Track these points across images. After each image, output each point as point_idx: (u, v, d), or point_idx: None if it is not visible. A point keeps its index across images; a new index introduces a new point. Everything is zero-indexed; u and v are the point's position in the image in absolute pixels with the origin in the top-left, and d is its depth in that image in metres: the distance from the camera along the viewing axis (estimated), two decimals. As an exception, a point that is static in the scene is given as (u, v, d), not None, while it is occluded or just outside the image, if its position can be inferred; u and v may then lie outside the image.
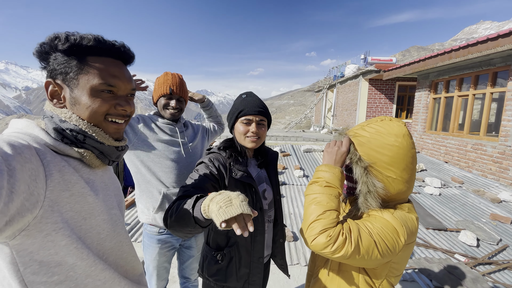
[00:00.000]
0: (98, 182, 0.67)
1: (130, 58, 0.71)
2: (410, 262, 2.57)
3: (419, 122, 7.06)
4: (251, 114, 1.07)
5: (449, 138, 5.94)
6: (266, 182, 1.19)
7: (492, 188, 4.45)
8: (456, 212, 3.65)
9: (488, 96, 5.10)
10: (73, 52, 0.61)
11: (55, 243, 0.54)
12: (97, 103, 0.63)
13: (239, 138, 1.10)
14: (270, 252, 1.23)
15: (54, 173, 0.55)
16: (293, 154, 6.12)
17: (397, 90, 10.65)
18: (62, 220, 0.55)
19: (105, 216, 0.65)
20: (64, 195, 0.56)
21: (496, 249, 2.77)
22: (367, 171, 0.83)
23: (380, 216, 0.82)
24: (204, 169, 1.02)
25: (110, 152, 0.68)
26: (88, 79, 0.62)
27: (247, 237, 1.06)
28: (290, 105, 75.70)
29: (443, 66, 5.82)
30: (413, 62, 6.65)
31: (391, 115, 10.79)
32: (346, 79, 12.39)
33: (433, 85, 6.64)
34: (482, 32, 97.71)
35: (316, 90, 18.41)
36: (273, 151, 1.27)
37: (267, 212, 1.16)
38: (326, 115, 15.62)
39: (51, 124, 0.61)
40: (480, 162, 5.07)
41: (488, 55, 4.60)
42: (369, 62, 12.42)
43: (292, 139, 9.28)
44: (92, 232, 0.61)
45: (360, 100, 10.81)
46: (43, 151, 0.55)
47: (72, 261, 0.57)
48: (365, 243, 0.75)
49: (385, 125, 0.84)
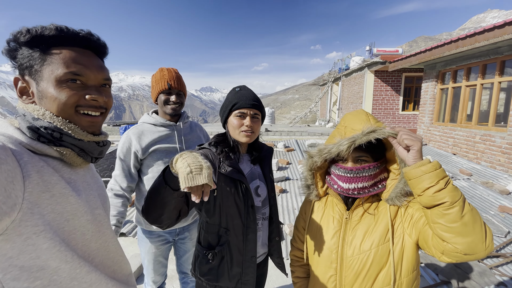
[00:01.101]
0: (80, 182, 0.64)
1: (101, 48, 0.66)
2: (415, 256, 2.55)
3: (426, 114, 6.92)
4: (245, 107, 1.04)
5: (457, 130, 5.82)
6: (259, 179, 1.16)
7: (501, 179, 4.35)
8: (464, 204, 3.60)
9: (496, 86, 4.95)
10: (36, 44, 0.58)
11: (36, 247, 0.52)
12: (64, 93, 0.59)
13: (233, 133, 1.07)
14: (266, 251, 1.21)
15: (32, 174, 0.52)
16: (297, 149, 6.10)
17: (404, 81, 10.44)
18: (43, 222, 0.52)
19: (89, 216, 0.62)
20: (45, 197, 0.53)
21: (504, 241, 2.72)
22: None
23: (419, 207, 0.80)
24: None
25: (91, 149, 0.65)
26: (52, 69, 0.58)
27: (238, 236, 1.05)
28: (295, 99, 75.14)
29: (450, 56, 5.67)
30: (419, 52, 6.50)
31: (397, 107, 10.61)
32: (351, 71, 12.21)
33: (440, 75, 6.49)
34: (490, 21, 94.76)
35: (321, 84, 18.21)
36: (268, 147, 1.24)
37: (261, 209, 1.14)
38: (332, 108, 15.46)
39: (25, 123, 0.58)
40: (488, 154, 4.96)
41: (495, 43, 4.46)
42: (374, 53, 12.19)
43: (296, 134, 9.23)
44: (76, 234, 0.59)
45: (366, 93, 10.65)
46: (19, 151, 0.53)
47: (56, 265, 0.55)
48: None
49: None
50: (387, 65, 9.11)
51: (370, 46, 12.67)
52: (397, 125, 5.95)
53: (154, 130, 1.47)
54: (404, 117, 10.67)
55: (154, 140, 1.45)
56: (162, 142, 1.47)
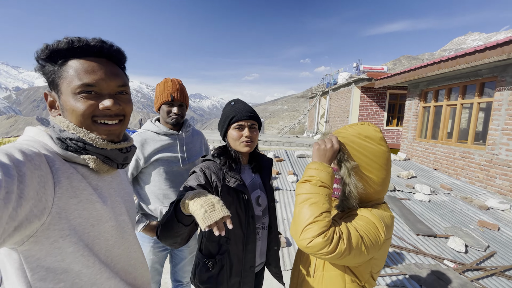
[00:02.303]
0: (106, 188, 0.67)
1: (116, 54, 0.66)
2: (400, 267, 2.60)
3: (410, 130, 7.21)
4: (243, 120, 1.08)
5: (438, 146, 6.08)
6: (260, 188, 1.19)
7: (479, 195, 4.56)
8: (445, 218, 3.73)
9: (476, 106, 5.26)
10: (55, 59, 0.60)
11: (62, 250, 0.55)
12: (79, 105, 0.60)
13: (234, 144, 1.11)
14: (264, 260, 1.22)
15: (63, 180, 0.56)
16: (286, 160, 6.15)
17: (388, 98, 10.88)
18: (69, 227, 0.55)
19: (113, 222, 0.65)
20: (72, 202, 0.56)
21: (484, 255, 2.84)
22: (351, 172, 0.87)
23: (360, 215, 0.87)
24: (193, 180, 1.02)
25: (115, 156, 0.67)
26: (67, 82, 0.60)
27: (238, 245, 1.07)
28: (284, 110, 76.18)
29: (432, 76, 5.99)
30: (403, 72, 6.83)
31: (382, 122, 11.00)
32: (338, 86, 12.59)
33: (423, 94, 6.82)
34: (471, 43, 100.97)
35: (310, 97, 18.62)
36: (268, 158, 1.28)
37: (261, 218, 1.16)
38: (319, 121, 15.79)
39: (54, 134, 0.62)
40: (468, 170, 5.20)
41: (475, 66, 4.77)
42: (361, 70, 12.67)
43: (285, 144, 9.33)
44: (100, 239, 0.61)
45: (352, 107, 10.98)
46: (52, 158, 0.56)
47: (78, 268, 0.57)
48: (354, 239, 0.78)
49: (364, 128, 0.91)
50: (373, 82, 9.48)
51: (357, 62, 13.17)
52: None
53: (157, 138, 1.49)
54: (388, 132, 11.05)
55: (157, 149, 1.47)
56: (164, 151, 1.49)
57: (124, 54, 0.69)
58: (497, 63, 4.43)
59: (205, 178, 1.03)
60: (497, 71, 4.65)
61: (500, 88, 4.58)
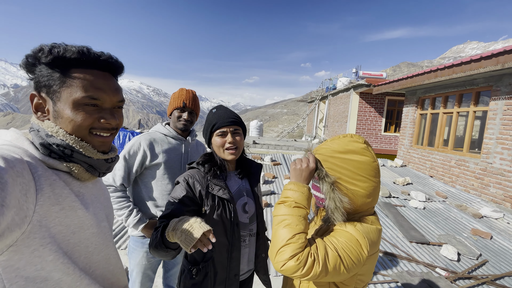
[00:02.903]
0: (88, 195, 0.66)
1: (118, 69, 0.69)
2: (392, 275, 2.61)
3: (406, 137, 7.25)
4: (225, 126, 1.08)
5: (434, 153, 6.12)
6: (247, 195, 1.18)
7: (474, 203, 4.59)
8: (439, 226, 3.74)
9: (471, 114, 5.31)
10: (57, 64, 0.59)
11: (42, 259, 0.53)
12: (80, 116, 0.61)
13: (218, 151, 1.11)
14: (252, 267, 1.21)
15: (45, 187, 0.54)
16: (283, 164, 6.17)
17: (387, 104, 10.96)
18: (49, 235, 0.54)
19: (94, 229, 0.64)
20: (54, 209, 0.55)
21: (476, 263, 2.85)
22: (334, 187, 0.85)
23: (344, 230, 0.85)
24: (178, 191, 1.03)
25: (99, 165, 0.67)
26: (70, 92, 0.60)
27: (223, 253, 1.06)
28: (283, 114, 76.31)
29: (429, 84, 6.05)
30: (401, 79, 6.89)
31: (380, 128, 11.06)
32: (338, 91, 12.66)
33: (420, 101, 6.87)
34: (469, 52, 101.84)
35: (309, 101, 18.70)
36: (257, 163, 1.26)
37: (248, 226, 1.15)
38: (318, 125, 15.84)
39: (38, 138, 0.60)
40: (463, 178, 5.23)
41: (471, 75, 4.82)
42: (360, 76, 12.77)
43: (283, 148, 9.35)
44: (80, 246, 0.61)
45: (351, 113, 11.04)
46: (35, 165, 0.55)
47: (58, 276, 0.56)
48: (332, 260, 0.77)
49: (345, 141, 0.89)
50: (372, 88, 9.55)
51: (356, 68, 13.27)
52: (379, 145, 6.13)
53: (165, 140, 1.55)
54: (386, 138, 11.10)
55: (164, 150, 1.52)
56: (170, 153, 1.53)
57: (124, 69, 0.71)
58: (492, 72, 4.49)
59: (188, 187, 1.03)
60: (492, 81, 4.71)
61: (495, 98, 4.63)
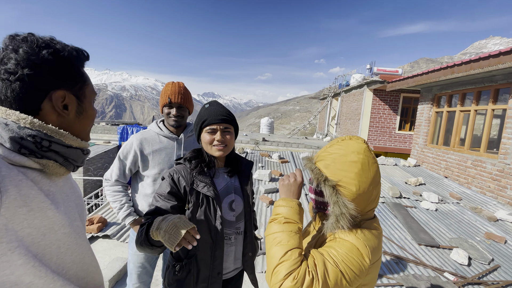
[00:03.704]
0: (58, 193, 0.63)
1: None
2: (398, 278, 2.54)
3: (421, 135, 7.00)
4: (215, 123, 1.06)
5: (449, 153, 5.88)
6: (235, 193, 1.16)
7: (489, 206, 4.38)
8: (451, 229, 3.61)
9: (490, 113, 5.05)
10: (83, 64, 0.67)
11: (11, 263, 0.51)
12: (94, 112, 0.71)
13: (206, 148, 1.09)
14: (239, 266, 1.20)
15: (10, 189, 0.51)
16: (291, 161, 6.12)
17: (402, 101, 10.61)
18: (16, 238, 0.51)
19: (66, 229, 0.62)
20: (21, 212, 0.52)
21: (487, 269, 2.73)
22: (337, 191, 0.82)
23: (343, 239, 0.81)
24: (163, 187, 1.04)
25: (75, 157, 0.65)
26: (90, 90, 0.68)
27: (206, 251, 1.06)
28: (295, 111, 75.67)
29: (446, 80, 5.80)
30: (416, 75, 6.64)
31: (394, 126, 10.74)
32: (350, 88, 12.39)
33: (436, 98, 6.61)
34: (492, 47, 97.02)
35: (321, 98, 18.42)
36: (248, 161, 1.25)
37: (235, 224, 1.14)
38: (330, 123, 15.60)
39: (7, 132, 0.55)
40: (479, 179, 5.00)
41: (490, 72, 4.58)
42: (374, 72, 12.42)
43: (293, 146, 9.28)
44: (52, 247, 0.58)
45: (364, 110, 10.79)
46: None
47: (29, 280, 0.54)
48: (332, 276, 0.73)
49: (345, 144, 0.87)
50: (386, 85, 9.27)
51: (370, 64, 12.91)
52: (393, 144, 5.97)
53: (157, 139, 1.55)
54: (400, 137, 10.78)
55: (154, 150, 1.52)
56: (161, 152, 1.53)
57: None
58: (511, 69, 4.24)
59: (172, 183, 1.03)
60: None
61: (516, 95, 4.38)
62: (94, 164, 8.74)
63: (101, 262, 2.69)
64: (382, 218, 3.76)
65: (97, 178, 7.37)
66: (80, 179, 7.91)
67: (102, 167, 9.02)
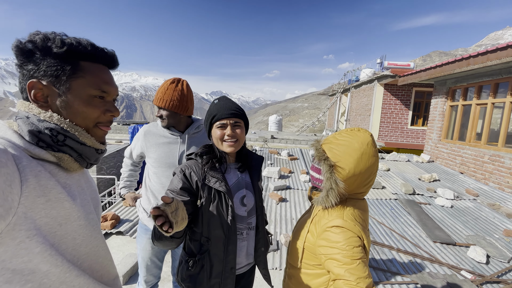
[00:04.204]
0: (75, 186, 0.65)
1: (116, 65, 0.72)
2: (412, 276, 2.48)
3: (435, 130, 6.81)
4: (225, 118, 1.05)
5: (465, 148, 5.69)
6: (247, 188, 1.16)
7: (508, 202, 4.22)
8: (468, 226, 3.49)
9: (508, 106, 4.85)
10: (68, 55, 0.60)
11: (29, 251, 0.53)
12: (90, 109, 0.64)
13: (217, 144, 1.09)
14: (252, 261, 1.20)
15: (30, 178, 0.53)
16: (300, 158, 6.07)
17: (414, 96, 10.35)
18: (34, 227, 0.53)
19: (82, 221, 0.63)
20: (40, 201, 0.54)
21: (507, 267, 2.62)
22: (332, 170, 0.91)
23: (333, 229, 0.89)
24: (175, 182, 1.04)
25: (89, 155, 0.67)
26: (82, 84, 0.62)
27: (219, 246, 1.05)
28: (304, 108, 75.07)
29: (461, 73, 5.60)
30: (429, 68, 6.44)
31: (406, 121, 10.49)
32: (360, 83, 12.17)
33: (450, 92, 6.40)
34: (508, 38, 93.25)
35: (330, 94, 18.18)
36: (258, 156, 1.24)
37: (247, 219, 1.14)
38: (339, 119, 15.39)
39: (26, 126, 0.58)
40: (497, 175, 4.82)
41: (508, 63, 4.39)
42: (385, 66, 12.15)
43: (302, 143, 9.21)
44: (68, 238, 0.60)
45: (375, 106, 10.58)
46: (19, 155, 0.53)
47: (46, 268, 0.55)
48: (355, 271, 0.79)
49: (353, 134, 0.95)
50: (397, 79, 9.05)
51: (381, 58, 12.64)
52: (405, 140, 5.91)
53: (161, 133, 1.54)
54: (412, 132, 10.52)
55: (157, 143, 1.52)
56: (164, 147, 1.51)
57: (118, 65, 0.74)
58: (533, 59, 4.05)
59: (184, 178, 1.03)
60: (534, 68, 4.25)
61: (537, 86, 4.18)
62: (107, 163, 8.94)
63: (115, 258, 2.74)
64: (395, 215, 3.68)
65: (110, 176, 7.53)
66: (94, 178, 8.12)
67: (114, 166, 9.21)
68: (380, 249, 2.88)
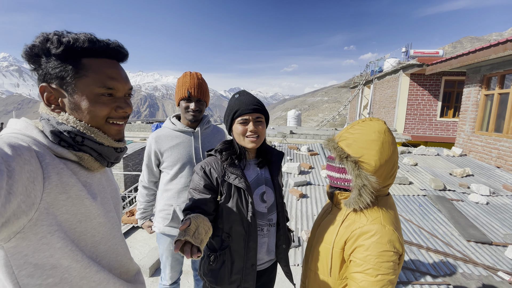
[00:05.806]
0: (95, 185, 0.66)
1: (125, 56, 0.69)
2: (444, 277, 2.34)
3: (467, 122, 6.36)
4: (247, 113, 1.03)
5: (502, 140, 5.26)
6: (266, 184, 1.14)
7: (554, 199, 3.85)
8: (506, 224, 3.24)
9: (554, 93, 4.40)
10: (67, 55, 0.58)
11: (50, 246, 0.54)
12: (98, 107, 0.62)
13: (238, 139, 1.07)
14: (273, 258, 1.19)
15: (52, 176, 0.54)
16: (321, 154, 5.95)
17: (443, 85, 9.72)
18: (56, 222, 0.55)
19: (102, 219, 0.64)
20: (61, 198, 0.56)
21: (553, 270, 2.40)
22: (358, 165, 0.87)
23: (368, 237, 0.82)
24: (196, 180, 1.04)
25: (108, 154, 0.67)
26: (86, 83, 0.60)
27: (240, 243, 1.05)
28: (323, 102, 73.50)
29: (497, 59, 5.15)
30: (461, 55, 5.99)
31: (435, 113, 9.91)
32: (384, 74, 11.63)
33: (485, 80, 5.92)
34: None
35: (351, 87, 17.58)
36: (278, 151, 1.21)
37: (267, 215, 1.12)
38: (362, 112, 14.86)
39: (48, 126, 0.60)
40: (540, 169, 4.41)
41: (555, 45, 3.96)
42: (411, 55, 11.51)
43: (322, 138, 9.02)
44: (87, 235, 0.61)
45: (400, 97, 10.08)
46: (42, 153, 0.55)
47: (67, 264, 0.57)
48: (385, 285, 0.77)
49: (366, 125, 0.90)
50: (425, 68, 8.53)
51: (406, 47, 11.99)
52: (434, 132, 5.60)
53: (172, 135, 1.52)
54: (442, 124, 9.92)
55: (170, 146, 1.50)
56: (178, 148, 1.51)
57: (128, 56, 0.70)
58: None
59: (205, 175, 1.03)
60: None
61: None
62: (132, 160, 9.38)
63: (142, 251, 2.85)
64: (423, 212, 3.50)
65: (136, 172, 7.90)
66: (121, 174, 8.55)
67: (139, 163, 9.65)
68: (408, 247, 2.76)
